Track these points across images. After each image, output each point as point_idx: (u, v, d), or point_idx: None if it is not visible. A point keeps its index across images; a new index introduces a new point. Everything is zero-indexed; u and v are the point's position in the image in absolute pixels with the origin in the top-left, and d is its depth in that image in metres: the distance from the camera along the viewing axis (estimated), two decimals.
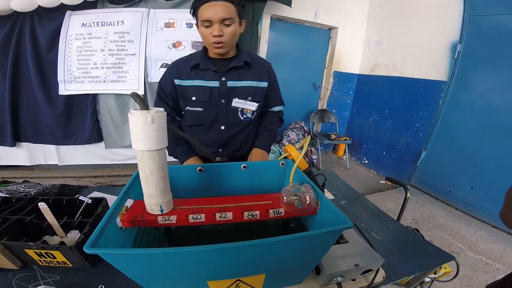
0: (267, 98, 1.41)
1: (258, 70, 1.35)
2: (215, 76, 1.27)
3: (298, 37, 4.20)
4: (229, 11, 1.10)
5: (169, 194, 0.70)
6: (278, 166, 0.93)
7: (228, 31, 1.14)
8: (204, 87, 1.27)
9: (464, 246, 2.48)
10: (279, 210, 0.71)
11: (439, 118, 3.29)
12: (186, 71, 1.28)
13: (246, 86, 1.31)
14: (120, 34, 2.97)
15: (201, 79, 1.27)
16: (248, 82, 1.31)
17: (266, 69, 1.38)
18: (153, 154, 0.62)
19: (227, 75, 1.27)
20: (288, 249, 0.60)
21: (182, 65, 1.30)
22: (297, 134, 4.19)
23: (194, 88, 1.27)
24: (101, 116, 3.19)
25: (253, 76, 1.32)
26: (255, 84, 1.33)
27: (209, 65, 1.26)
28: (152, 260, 0.53)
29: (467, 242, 2.55)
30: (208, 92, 1.26)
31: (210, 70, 1.26)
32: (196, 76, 1.27)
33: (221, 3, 1.09)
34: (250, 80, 1.32)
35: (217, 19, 1.09)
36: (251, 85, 1.32)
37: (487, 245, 2.52)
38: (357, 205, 1.41)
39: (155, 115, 0.59)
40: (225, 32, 1.13)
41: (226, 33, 1.14)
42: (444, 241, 2.54)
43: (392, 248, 1.08)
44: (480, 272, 2.15)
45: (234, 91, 1.29)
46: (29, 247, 0.81)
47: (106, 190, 1.42)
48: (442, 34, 3.16)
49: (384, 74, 4.04)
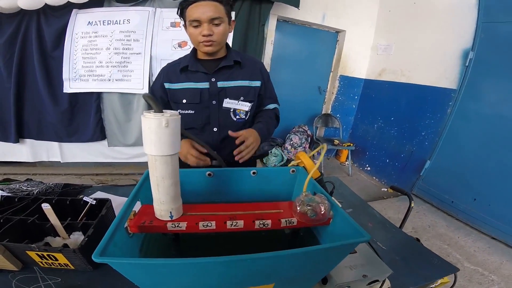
0: (260, 97, 1.39)
1: (250, 69, 1.33)
2: (205, 77, 1.26)
3: (305, 40, 4.17)
4: (217, 11, 1.10)
5: (180, 200, 0.68)
6: (288, 173, 0.91)
7: (218, 30, 1.14)
8: (194, 89, 1.25)
9: (461, 257, 2.47)
10: (292, 219, 0.69)
11: (446, 127, 3.24)
12: (175, 74, 1.28)
13: (237, 86, 1.29)
14: (126, 33, 2.97)
15: (191, 81, 1.26)
16: (240, 82, 1.29)
17: (259, 68, 1.37)
18: (166, 160, 0.60)
19: (217, 76, 1.26)
20: (301, 261, 0.58)
21: (172, 69, 1.30)
22: (300, 138, 4.16)
23: (184, 91, 1.26)
24: (104, 115, 3.20)
25: (244, 75, 1.31)
26: (247, 83, 1.31)
27: (198, 67, 1.25)
28: (163, 270, 0.51)
29: (465, 252, 2.54)
30: (198, 94, 1.25)
31: (199, 72, 1.25)
32: (185, 79, 1.26)
33: (209, 3, 1.09)
34: (242, 79, 1.30)
35: (206, 19, 1.09)
36: (242, 84, 1.30)
37: (485, 256, 2.51)
38: (363, 214, 1.39)
39: (170, 118, 0.57)
40: (214, 31, 1.13)
41: (216, 33, 1.14)
42: (442, 251, 2.53)
43: (397, 259, 1.07)
44: (475, 283, 2.15)
45: (225, 92, 1.27)
46: (31, 249, 0.79)
47: (109, 190, 1.40)
48: (454, 41, 3.10)
49: (391, 79, 3.98)
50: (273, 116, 1.43)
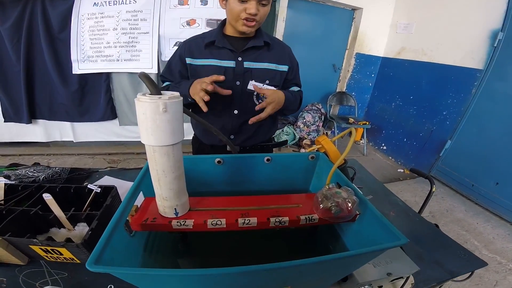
0: (286, 81, 1.31)
1: (279, 52, 1.25)
2: (231, 56, 1.17)
3: (318, 17, 4.01)
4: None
5: (186, 195, 0.60)
6: (306, 160, 0.82)
7: (264, 10, 1.07)
8: (218, 67, 1.17)
9: (479, 244, 2.39)
10: (312, 216, 0.61)
11: (469, 107, 3.11)
12: (199, 49, 1.19)
13: (264, 68, 1.20)
14: (133, 12, 2.91)
15: (216, 58, 1.17)
16: (267, 64, 1.21)
17: (287, 53, 1.29)
18: (167, 150, 0.51)
19: (244, 55, 1.17)
20: (323, 266, 0.50)
21: (195, 43, 1.20)
22: (313, 116, 4.08)
23: (207, 68, 1.17)
24: (114, 94, 3.21)
25: (272, 58, 1.22)
26: (274, 67, 1.23)
27: (225, 43, 1.16)
28: (165, 279, 0.44)
29: (483, 239, 2.45)
30: (223, 72, 1.14)
31: (226, 49, 1.16)
32: (210, 55, 1.17)
33: None
34: (269, 62, 1.21)
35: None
36: (269, 67, 1.21)
37: (504, 244, 2.42)
38: (384, 201, 1.31)
39: (169, 102, 0.47)
40: (260, 11, 1.06)
41: (261, 12, 1.07)
42: (460, 237, 2.45)
43: (422, 251, 0.99)
44: (492, 271, 2.07)
45: (250, 73, 1.19)
46: (33, 243, 0.74)
47: (117, 174, 1.36)
48: (482, 21, 2.93)
49: (411, 58, 3.83)
50: (297, 96, 1.35)
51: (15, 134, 3.30)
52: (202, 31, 2.82)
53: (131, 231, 0.57)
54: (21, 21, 2.81)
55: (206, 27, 2.96)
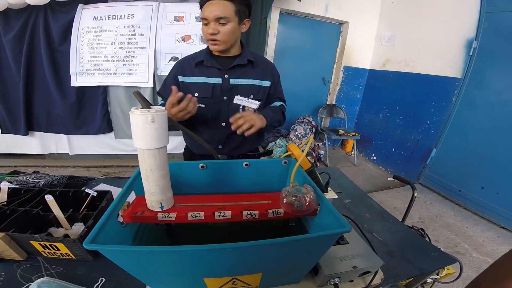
0: (269, 96, 1.41)
1: (262, 69, 1.36)
2: (218, 73, 1.29)
3: (308, 32, 4.16)
4: (225, 10, 1.12)
5: (170, 191, 0.71)
6: (280, 165, 0.93)
7: (224, 29, 1.16)
8: (207, 84, 1.28)
9: (470, 247, 2.44)
10: (279, 210, 0.71)
11: (451, 115, 3.23)
12: (190, 68, 1.31)
13: (248, 84, 1.32)
14: (131, 27, 3.01)
15: (205, 76, 1.29)
16: (251, 81, 1.32)
17: (270, 69, 1.39)
18: (154, 153, 0.63)
19: (230, 73, 1.29)
20: (284, 251, 0.60)
21: (187, 63, 1.33)
22: (304, 129, 4.17)
23: (197, 85, 1.29)
24: (111, 108, 3.26)
25: (256, 74, 1.33)
26: (258, 82, 1.34)
27: (213, 62, 1.28)
28: (149, 257, 0.54)
29: (473, 242, 2.51)
30: (211, 89, 1.28)
31: (213, 67, 1.28)
32: (199, 73, 1.29)
33: (218, 2, 1.11)
34: (253, 78, 1.33)
35: (212, 18, 1.12)
36: (253, 83, 1.33)
37: (494, 246, 2.48)
38: (361, 205, 1.40)
39: (156, 114, 0.59)
40: (220, 30, 1.16)
41: (221, 32, 1.16)
42: (450, 241, 2.51)
43: (393, 250, 1.07)
44: None
45: (236, 89, 1.30)
46: (34, 239, 0.83)
47: (112, 182, 1.44)
48: (458, 31, 3.09)
49: (396, 69, 3.98)
50: (279, 110, 1.44)
51: (11, 145, 3.33)
52: (197, 46, 2.98)
53: (122, 223, 0.66)
54: (23, 32, 2.88)
55: (200, 43, 3.04)
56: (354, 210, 1.34)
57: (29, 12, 2.84)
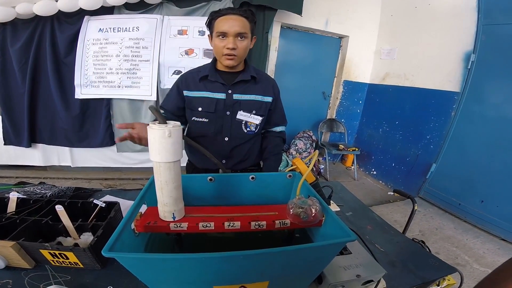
0: (270, 113, 1.44)
1: (264, 85, 1.39)
2: (222, 88, 1.31)
3: (308, 46, 4.23)
4: (244, 26, 1.16)
5: (182, 202, 0.74)
6: (285, 178, 0.96)
7: (242, 45, 1.19)
8: (211, 99, 1.30)
9: (470, 259, 2.45)
10: (285, 221, 0.74)
11: (450, 130, 3.25)
12: (194, 82, 1.33)
13: (251, 99, 1.34)
14: (135, 40, 3.05)
15: (209, 90, 1.31)
16: (254, 96, 1.35)
17: (271, 85, 1.42)
18: (169, 166, 0.66)
19: (233, 88, 1.31)
20: (292, 259, 0.62)
21: (191, 77, 1.35)
22: (304, 144, 4.20)
23: (201, 99, 1.31)
24: (114, 121, 3.27)
25: (258, 90, 1.36)
26: (260, 98, 1.36)
27: (217, 77, 1.30)
28: (163, 265, 0.56)
29: (473, 254, 2.52)
30: (214, 104, 1.30)
31: (217, 82, 1.30)
32: (204, 88, 1.31)
33: (238, 18, 1.15)
34: (256, 94, 1.35)
35: (233, 33, 1.15)
36: (256, 99, 1.35)
37: (494, 257, 2.48)
38: (362, 217, 1.42)
39: (172, 129, 0.63)
40: (238, 45, 1.18)
41: (240, 47, 1.19)
42: (450, 253, 2.52)
43: (395, 260, 1.10)
44: None
45: (239, 104, 1.33)
46: (44, 247, 0.85)
47: (118, 194, 1.47)
48: (455, 44, 3.13)
49: (395, 84, 4.02)
50: (280, 143, 1.51)
51: (13, 157, 3.34)
52: (200, 60, 3.03)
53: (136, 233, 0.69)
54: (30, 43, 2.92)
55: (203, 56, 3.09)
56: (356, 222, 1.37)
57: (36, 23, 2.89)
